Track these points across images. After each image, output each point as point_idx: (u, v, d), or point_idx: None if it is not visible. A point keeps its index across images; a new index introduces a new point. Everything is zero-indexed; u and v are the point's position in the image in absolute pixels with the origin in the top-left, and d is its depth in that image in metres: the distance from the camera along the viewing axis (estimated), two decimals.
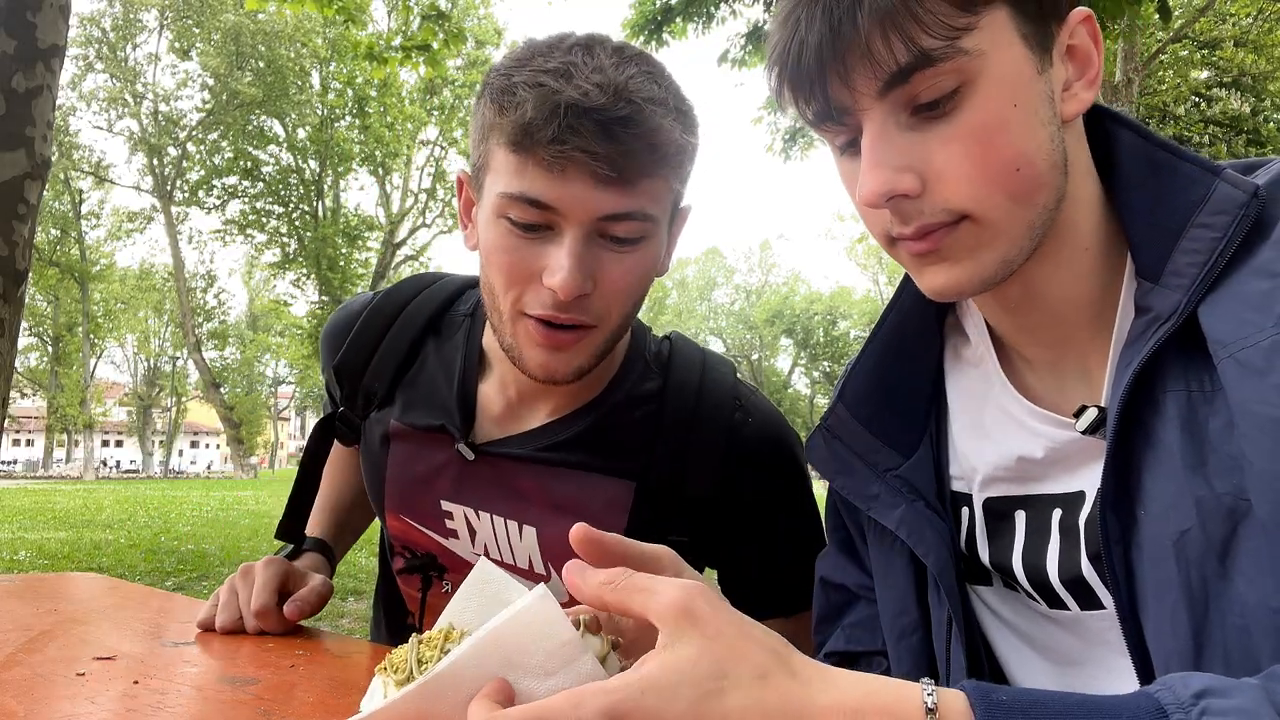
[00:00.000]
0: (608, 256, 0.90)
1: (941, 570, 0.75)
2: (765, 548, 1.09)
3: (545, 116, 0.83)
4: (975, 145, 0.63)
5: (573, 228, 0.87)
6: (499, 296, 0.93)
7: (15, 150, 3.62)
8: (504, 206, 0.89)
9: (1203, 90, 13.18)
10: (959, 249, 0.66)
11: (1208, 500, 0.58)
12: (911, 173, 0.64)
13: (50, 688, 0.78)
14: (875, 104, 0.64)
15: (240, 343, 48.89)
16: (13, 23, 3.65)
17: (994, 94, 0.63)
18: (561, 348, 0.93)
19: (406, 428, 1.10)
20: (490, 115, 0.89)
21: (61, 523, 11.58)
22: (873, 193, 0.64)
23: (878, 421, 0.81)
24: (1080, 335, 0.71)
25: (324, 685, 0.83)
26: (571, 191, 0.85)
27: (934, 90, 0.63)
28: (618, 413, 1.06)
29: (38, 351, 41.11)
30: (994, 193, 0.63)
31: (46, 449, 50.70)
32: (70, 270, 35.13)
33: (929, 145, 0.64)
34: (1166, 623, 0.60)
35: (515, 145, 0.86)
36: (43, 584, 1.39)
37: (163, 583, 6.60)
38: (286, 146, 32.15)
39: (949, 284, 0.67)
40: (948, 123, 0.63)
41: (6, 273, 3.58)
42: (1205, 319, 0.60)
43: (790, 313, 62.75)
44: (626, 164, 0.85)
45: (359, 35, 7.60)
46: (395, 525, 1.15)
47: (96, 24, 31.42)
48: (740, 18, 9.61)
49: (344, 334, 1.16)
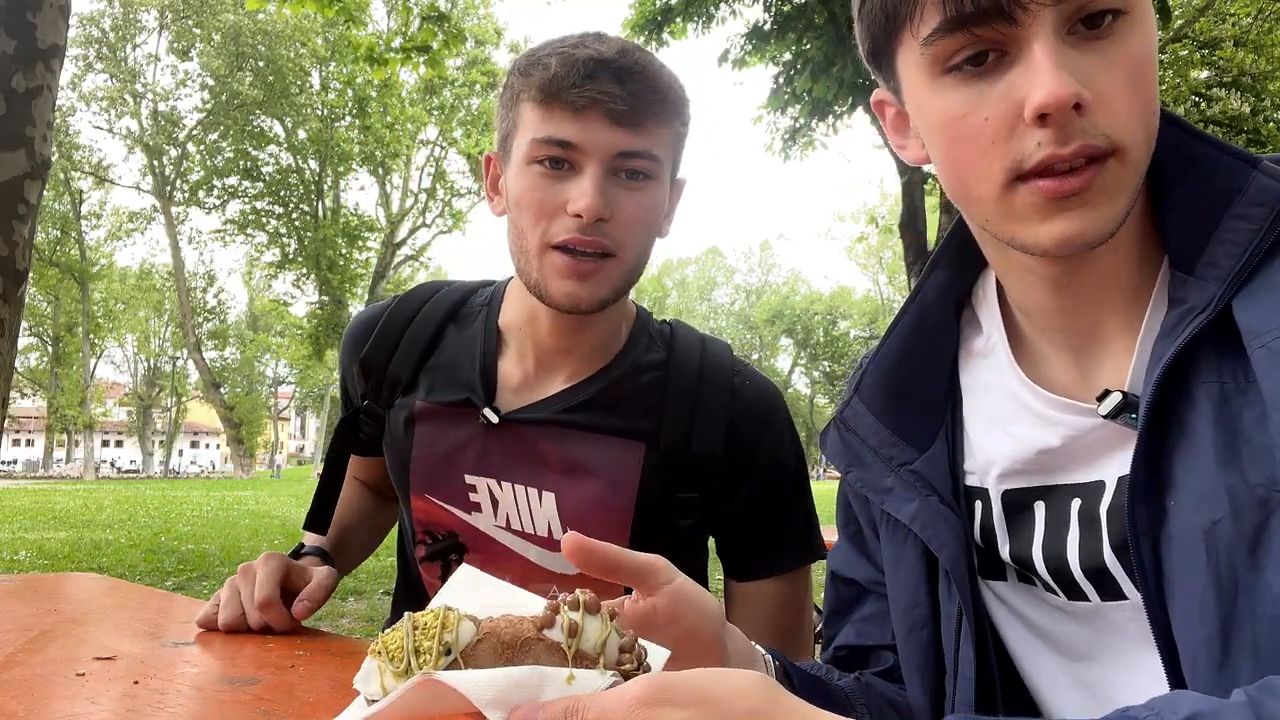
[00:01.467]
0: (622, 192, 1.03)
1: (954, 565, 0.75)
2: (766, 500, 1.17)
3: (568, 69, 1.00)
4: (1135, 75, 0.61)
5: (593, 163, 1.01)
6: (527, 234, 1.04)
7: (15, 150, 3.62)
8: (534, 151, 1.02)
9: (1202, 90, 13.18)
10: (1104, 190, 0.62)
11: (1240, 491, 0.58)
12: (1085, 88, 0.60)
13: (50, 688, 0.78)
14: (1048, 9, 0.60)
15: (240, 343, 48.95)
16: (13, 23, 3.65)
17: (1147, 30, 0.62)
18: (585, 276, 1.03)
19: (432, 405, 1.17)
20: (518, 83, 1.04)
21: (61, 523, 11.58)
22: (1059, 95, 0.59)
23: (893, 416, 0.81)
24: (1111, 322, 0.70)
25: (324, 685, 0.83)
26: (591, 131, 1.00)
27: (1105, 1, 0.60)
28: (627, 378, 1.15)
29: (38, 351, 41.16)
30: (1142, 129, 0.62)
31: (46, 449, 50.77)
32: (70, 270, 35.15)
33: (1094, 66, 0.61)
34: (1194, 614, 0.60)
35: (543, 96, 1.01)
36: (43, 584, 1.39)
37: (163, 583, 6.60)
38: (286, 147, 32.19)
39: (1080, 230, 0.62)
40: (1111, 45, 0.61)
41: (6, 273, 3.58)
42: (1239, 311, 0.59)
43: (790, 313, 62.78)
44: (638, 104, 1.01)
45: (359, 35, 7.61)
46: (420, 507, 1.20)
47: (96, 24, 31.43)
48: (740, 18, 9.62)
49: (368, 330, 1.23)
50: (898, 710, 0.84)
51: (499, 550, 1.16)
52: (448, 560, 1.20)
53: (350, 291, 31.80)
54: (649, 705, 0.45)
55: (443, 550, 1.20)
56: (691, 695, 0.46)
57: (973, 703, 0.74)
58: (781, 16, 9.03)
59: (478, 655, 0.50)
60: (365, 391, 1.23)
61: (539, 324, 1.13)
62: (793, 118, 10.16)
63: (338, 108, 30.93)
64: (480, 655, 0.50)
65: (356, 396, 1.25)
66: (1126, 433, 0.66)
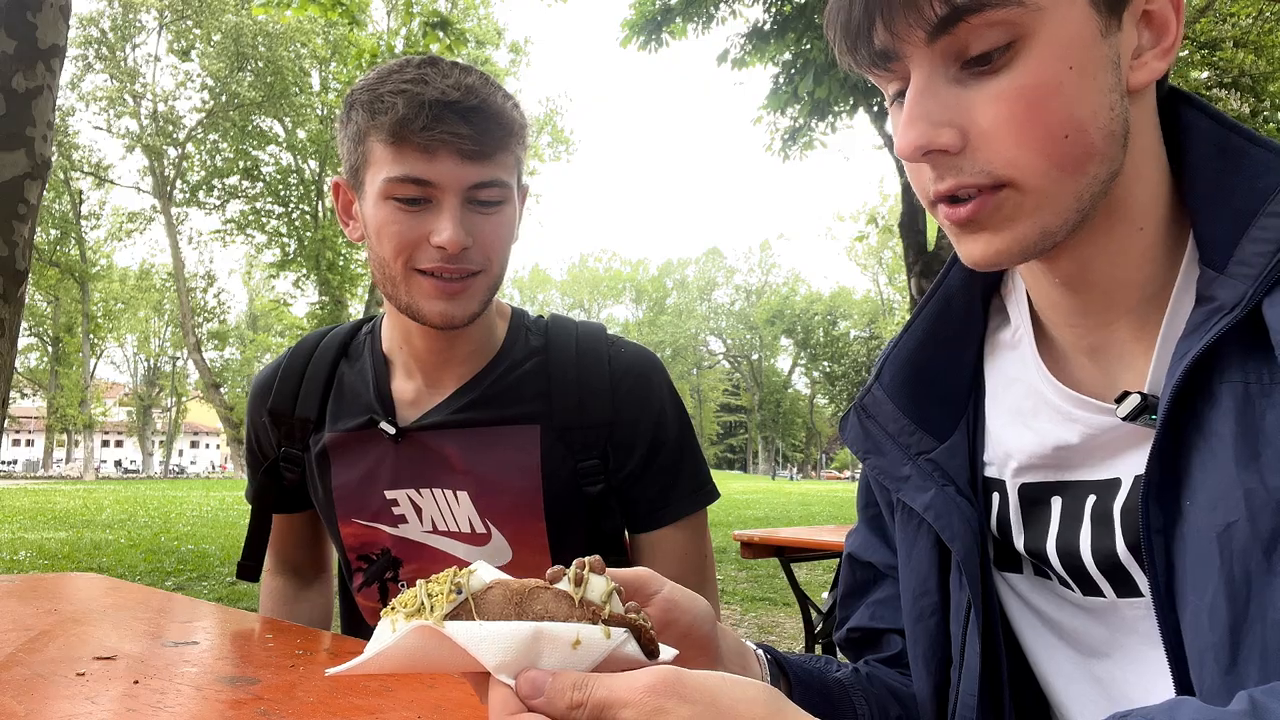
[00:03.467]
0: (479, 218, 1.10)
1: (966, 557, 0.74)
2: (657, 452, 1.25)
3: (415, 111, 1.05)
4: (1023, 106, 0.60)
5: (449, 197, 1.08)
6: (390, 264, 1.10)
7: (15, 150, 3.62)
8: (389, 189, 1.08)
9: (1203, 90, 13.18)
10: (997, 217, 0.63)
11: (1258, 493, 0.57)
12: (953, 128, 0.62)
13: (50, 688, 0.78)
14: (922, 51, 0.62)
15: (240, 343, 48.90)
16: (13, 23, 3.65)
17: (1049, 53, 0.60)
18: (454, 295, 1.11)
19: (341, 434, 1.26)
20: (364, 121, 1.09)
21: (61, 523, 11.58)
22: (908, 145, 0.62)
23: (913, 404, 0.80)
24: (1129, 319, 0.69)
25: (324, 685, 0.83)
26: (444, 168, 1.06)
27: (984, 42, 0.60)
28: (511, 369, 1.24)
29: (38, 351, 41.13)
30: (1038, 159, 0.61)
31: (46, 449, 50.68)
32: (70, 270, 35.12)
33: (975, 101, 0.61)
34: (1204, 615, 0.59)
35: (393, 138, 1.06)
36: (43, 584, 1.40)
37: (163, 583, 6.60)
38: (286, 147, 32.17)
39: (987, 254, 0.65)
40: (997, 79, 0.60)
41: (6, 273, 3.58)
42: (1269, 310, 0.58)
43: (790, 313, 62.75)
44: (485, 141, 1.07)
45: (361, 36, 7.61)
46: (350, 533, 1.27)
47: (96, 24, 31.42)
48: (740, 18, 9.61)
49: (269, 384, 1.32)
50: (899, 700, 0.84)
51: (431, 554, 1.23)
52: (384, 581, 1.27)
53: (350, 291, 31.77)
54: (659, 695, 0.45)
55: (379, 570, 1.27)
56: (701, 693, 0.46)
57: (976, 693, 0.74)
58: (782, 17, 9.04)
59: (487, 600, 0.51)
60: (279, 439, 1.32)
61: (414, 341, 1.22)
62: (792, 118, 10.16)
63: (338, 108, 30.86)
64: (489, 600, 0.51)
65: (271, 447, 1.34)
66: (1146, 432, 0.66)
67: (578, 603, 0.52)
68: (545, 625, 0.50)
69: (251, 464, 1.38)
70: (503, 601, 0.51)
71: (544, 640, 0.49)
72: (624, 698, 0.46)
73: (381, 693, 0.80)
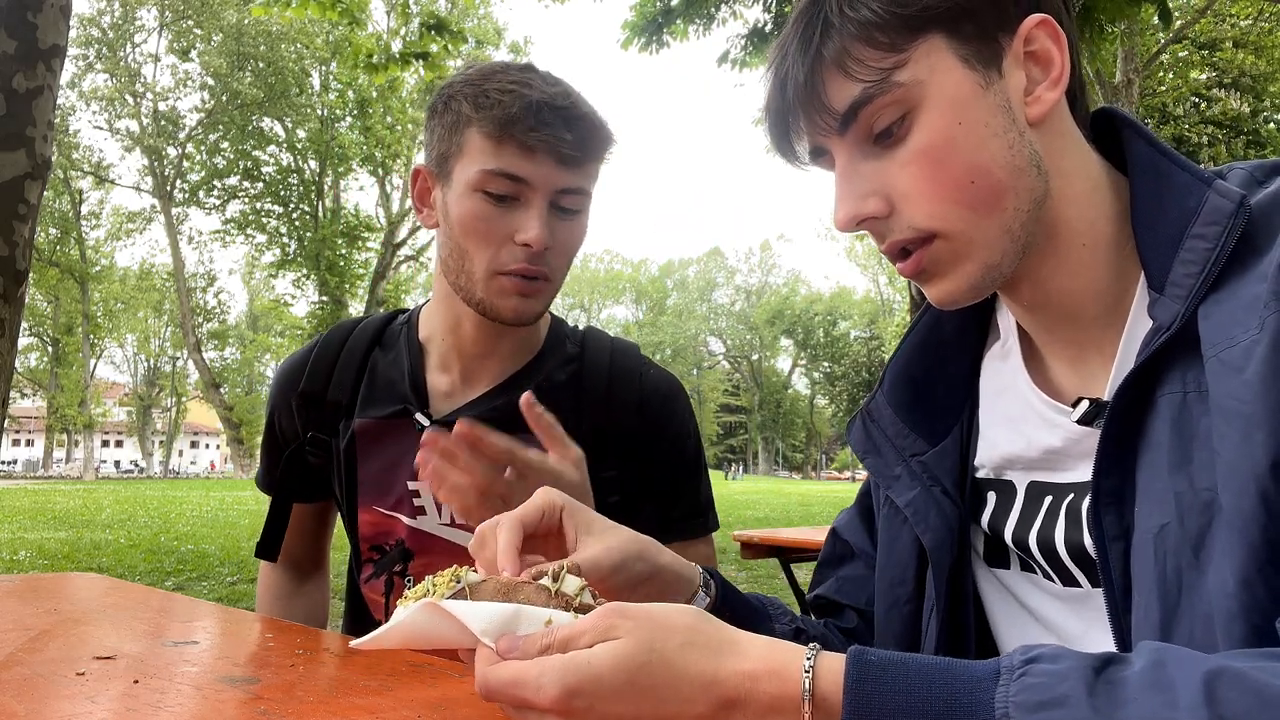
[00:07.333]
0: (559, 223, 1.14)
1: (935, 548, 0.81)
2: (673, 472, 1.29)
3: (523, 110, 1.08)
4: (927, 166, 0.68)
5: (538, 197, 1.11)
6: (473, 258, 1.13)
7: (15, 150, 3.62)
8: (482, 181, 1.10)
9: (1202, 91, 13.19)
10: (939, 264, 0.71)
11: (1186, 495, 0.61)
12: (877, 197, 0.71)
13: (50, 688, 0.78)
14: (837, 141, 0.72)
15: (240, 343, 48.89)
16: (13, 23, 3.65)
17: (938, 116, 0.68)
18: (530, 294, 1.15)
19: (371, 421, 1.26)
20: (468, 111, 1.11)
21: (61, 523, 11.58)
22: (842, 219, 0.72)
23: (909, 409, 0.87)
24: (1095, 330, 0.74)
25: (324, 685, 0.83)
26: (540, 168, 1.10)
27: (883, 120, 0.69)
28: (549, 374, 1.26)
29: (38, 351, 41.14)
30: (953, 208, 0.69)
31: (46, 449, 50.70)
32: (70, 270, 35.10)
33: (890, 170, 0.70)
34: (1143, 611, 0.64)
35: (498, 131, 1.09)
36: (43, 584, 1.40)
37: (163, 583, 6.60)
38: (286, 147, 32.19)
39: (944, 295, 0.73)
40: (904, 147, 0.69)
41: (6, 273, 3.58)
42: (1203, 323, 0.62)
43: (790, 313, 62.81)
44: (583, 148, 1.12)
45: (359, 36, 7.61)
46: (367, 520, 1.27)
47: (96, 24, 31.42)
48: (740, 19, 9.61)
49: (300, 367, 1.33)
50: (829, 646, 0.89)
51: (445, 548, 1.24)
52: (393, 575, 1.28)
53: (350, 292, 31.79)
54: (607, 618, 0.56)
55: (390, 562, 1.28)
56: (639, 611, 0.56)
57: None
58: (782, 17, 9.04)
59: (481, 590, 0.63)
60: (306, 423, 1.32)
61: (464, 332, 1.23)
62: None
63: (338, 109, 30.90)
64: (482, 590, 0.63)
65: (295, 432, 1.33)
66: None
67: (554, 594, 0.63)
68: (525, 607, 0.62)
69: (270, 450, 1.38)
70: (493, 591, 0.63)
71: (522, 617, 0.61)
72: (581, 627, 0.57)
73: (381, 692, 0.81)
